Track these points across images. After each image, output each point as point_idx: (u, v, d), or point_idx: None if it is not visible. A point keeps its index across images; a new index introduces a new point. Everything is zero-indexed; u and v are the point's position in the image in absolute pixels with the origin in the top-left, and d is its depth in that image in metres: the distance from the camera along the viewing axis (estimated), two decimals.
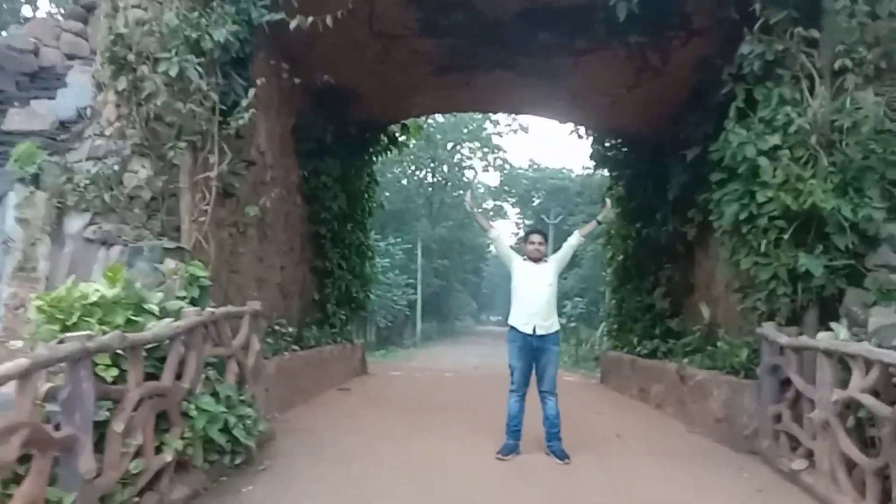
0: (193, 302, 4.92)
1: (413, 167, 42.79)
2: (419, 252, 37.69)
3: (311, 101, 9.52)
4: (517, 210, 54.26)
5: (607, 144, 11.82)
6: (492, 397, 9.02)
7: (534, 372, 5.58)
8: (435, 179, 44.64)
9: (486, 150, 45.07)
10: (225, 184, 6.02)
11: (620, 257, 11.13)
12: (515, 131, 45.62)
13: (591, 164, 13.10)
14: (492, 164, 45.87)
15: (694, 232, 8.49)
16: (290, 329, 7.71)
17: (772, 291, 5.57)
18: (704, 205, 7.54)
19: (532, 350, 5.50)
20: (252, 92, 5.71)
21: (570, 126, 12.87)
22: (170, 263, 5.01)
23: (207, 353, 4.62)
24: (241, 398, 5.07)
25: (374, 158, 12.26)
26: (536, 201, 50.25)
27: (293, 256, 9.27)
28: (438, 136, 41.66)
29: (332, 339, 9.99)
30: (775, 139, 5.55)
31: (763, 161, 5.47)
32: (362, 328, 32.65)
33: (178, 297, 4.85)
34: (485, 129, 43.92)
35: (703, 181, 7.64)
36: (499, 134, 43.90)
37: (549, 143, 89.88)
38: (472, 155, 45.95)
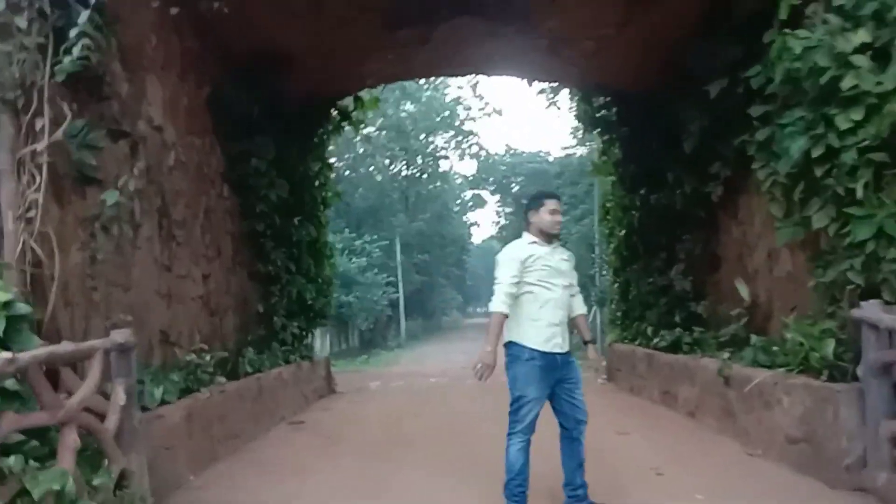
0: None
1: (386, 160, 40.97)
2: (398, 248, 35.92)
3: (231, 68, 7.65)
4: (496, 198, 52.67)
5: (595, 103, 10.08)
6: (484, 417, 7.27)
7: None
8: (409, 172, 42.84)
9: (460, 138, 43.34)
10: (74, 162, 4.19)
11: (622, 232, 9.40)
12: (489, 115, 43.99)
13: (577, 132, 11.41)
14: (467, 151, 44.14)
15: (720, 191, 6.76)
16: (209, 357, 5.86)
17: (870, 256, 3.87)
18: (737, 152, 5.84)
19: (558, 372, 3.76)
20: (86, 14, 3.85)
21: (547, 100, 11.25)
22: None
23: (6, 428, 2.79)
24: (95, 483, 3.27)
25: (325, 139, 10.41)
26: (515, 187, 48.70)
27: (222, 262, 7.43)
28: (410, 126, 39.88)
29: (283, 358, 8.17)
30: (862, 35, 3.83)
31: (861, 61, 3.74)
32: (343, 333, 31.05)
33: None
34: (458, 115, 42.19)
35: (732, 123, 5.95)
36: (472, 119, 42.18)
37: (524, 127, 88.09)
38: (447, 144, 44.25)
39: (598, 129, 10.40)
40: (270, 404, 7.12)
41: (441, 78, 40.95)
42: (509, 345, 3.79)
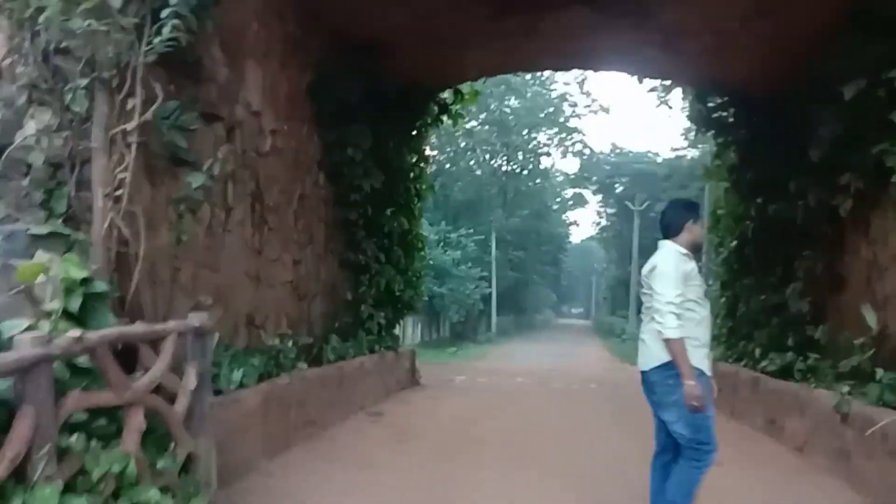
0: (72, 317, 3.12)
1: (487, 155, 40.81)
2: (493, 243, 35.69)
3: (332, 56, 7.66)
4: (598, 198, 51.31)
5: (711, 103, 9.38)
6: (569, 426, 6.92)
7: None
8: (509, 167, 42.47)
9: (564, 135, 42.44)
10: (166, 143, 4.22)
11: (734, 243, 8.69)
12: (595, 112, 42.86)
13: (689, 133, 10.71)
14: (570, 149, 43.19)
15: (849, 205, 6.04)
16: (291, 343, 5.85)
17: None
18: (874, 163, 5.17)
19: None
20: None
21: (657, 99, 10.60)
22: (42, 257, 3.22)
23: (70, 406, 2.78)
24: (159, 466, 3.25)
25: (423, 131, 10.30)
26: (619, 188, 47.24)
27: (313, 248, 7.46)
28: (513, 122, 39.51)
29: (367, 348, 8.15)
30: None
31: None
32: (435, 323, 31.25)
33: (45, 313, 3.06)
34: (563, 112, 41.36)
35: (870, 130, 5.28)
36: (577, 116, 41.18)
37: (631, 126, 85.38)
38: (550, 141, 43.51)
39: (713, 131, 9.69)
40: (350, 393, 7.09)
41: (547, 73, 40.35)
42: (666, 366, 3.38)
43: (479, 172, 40.09)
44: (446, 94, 10.25)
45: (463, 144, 38.30)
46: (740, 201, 8.53)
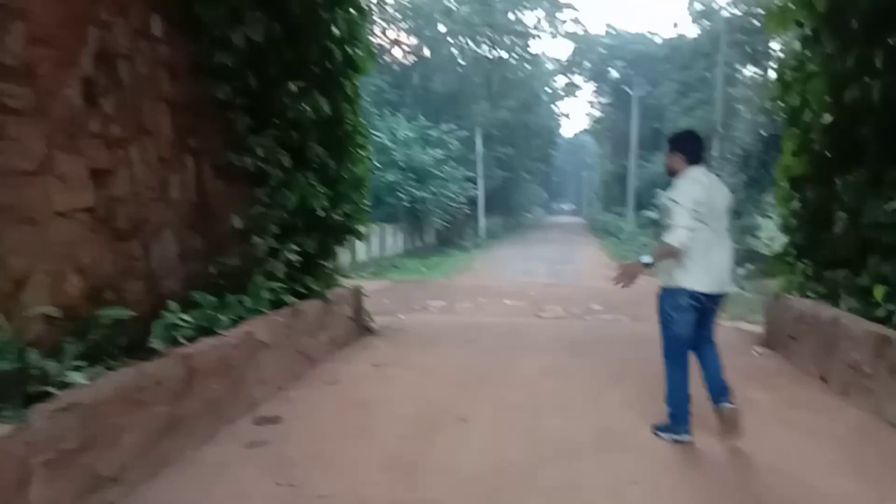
0: None
1: (469, 41, 36.58)
2: (478, 139, 32.37)
3: None
4: (592, 87, 47.36)
5: None
6: (599, 433, 4.05)
7: None
8: (495, 54, 38.30)
9: (553, 11, 38.03)
10: None
11: (827, 118, 5.66)
12: None
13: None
14: (561, 28, 38.88)
15: None
16: (14, 354, 2.89)
17: None
18: None
19: None
20: None
21: None
22: None
23: None
24: None
25: None
26: (615, 74, 43.33)
27: (151, 147, 4.42)
28: None
29: (273, 301, 5.28)
30: None
31: None
32: (418, 231, 28.50)
33: None
34: None
35: None
36: None
37: (630, 4, 79.22)
38: (538, 23, 39.15)
39: None
40: (220, 393, 4.23)
41: None
42: None
43: (461, 61, 36.07)
44: None
45: (444, 30, 34.19)
46: (843, 51, 5.42)
